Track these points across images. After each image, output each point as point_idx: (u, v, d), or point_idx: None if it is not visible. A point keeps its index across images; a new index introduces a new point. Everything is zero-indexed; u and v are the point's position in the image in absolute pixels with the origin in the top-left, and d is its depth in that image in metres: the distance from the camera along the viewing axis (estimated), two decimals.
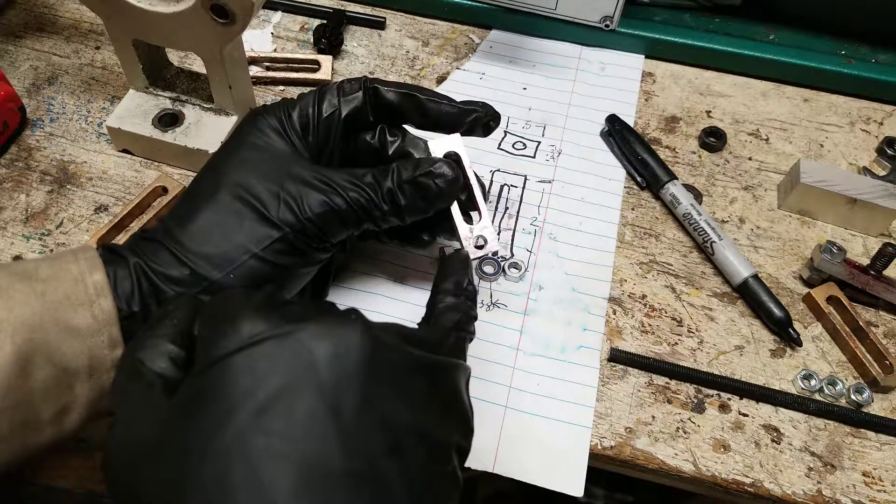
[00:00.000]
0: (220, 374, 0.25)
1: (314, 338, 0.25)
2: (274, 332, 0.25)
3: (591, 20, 0.60)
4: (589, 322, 0.46)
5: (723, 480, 0.41)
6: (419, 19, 0.64)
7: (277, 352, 0.25)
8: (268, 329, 0.26)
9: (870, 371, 0.44)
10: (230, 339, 0.26)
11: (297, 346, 0.25)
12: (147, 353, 0.28)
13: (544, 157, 0.55)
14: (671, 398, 0.44)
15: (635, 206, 0.53)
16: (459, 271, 0.37)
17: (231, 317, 0.26)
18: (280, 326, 0.26)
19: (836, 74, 0.59)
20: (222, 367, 0.25)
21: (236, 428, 0.24)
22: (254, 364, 0.25)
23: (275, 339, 0.25)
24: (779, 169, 0.55)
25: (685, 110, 0.59)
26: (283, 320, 0.26)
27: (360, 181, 0.37)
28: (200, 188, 0.38)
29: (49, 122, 0.54)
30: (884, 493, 0.41)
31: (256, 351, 0.25)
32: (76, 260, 0.33)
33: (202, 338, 0.27)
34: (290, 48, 0.61)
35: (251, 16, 0.42)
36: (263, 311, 0.27)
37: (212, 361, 0.25)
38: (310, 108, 0.39)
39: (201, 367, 0.26)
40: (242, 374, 0.25)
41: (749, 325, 0.47)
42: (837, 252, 0.47)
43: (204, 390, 0.25)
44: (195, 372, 0.26)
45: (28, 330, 0.31)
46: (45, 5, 0.63)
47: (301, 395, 0.24)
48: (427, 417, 0.27)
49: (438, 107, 0.41)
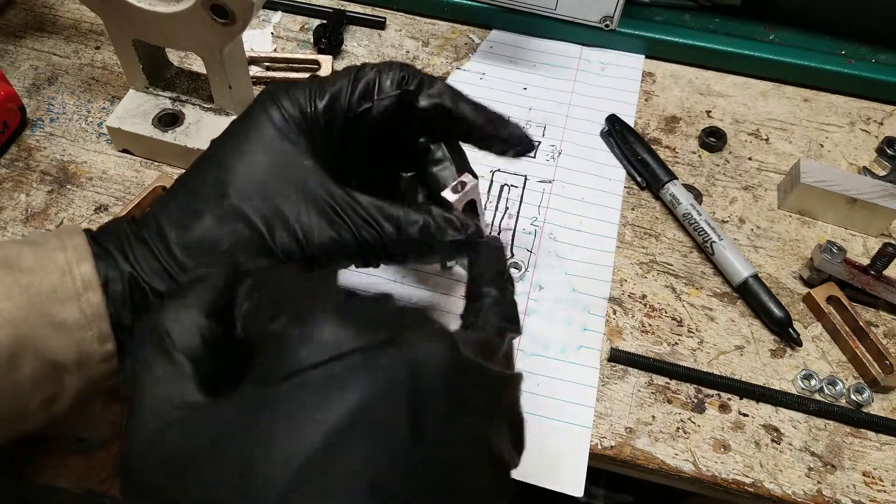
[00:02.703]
0: (293, 391, 0.22)
1: (404, 355, 0.23)
2: (359, 344, 0.23)
3: (591, 20, 0.60)
4: (589, 322, 0.46)
5: (723, 480, 0.41)
6: (419, 19, 0.64)
7: (362, 368, 0.23)
8: (351, 340, 0.23)
9: (870, 371, 0.44)
10: (311, 348, 0.23)
11: (387, 362, 0.23)
12: (175, 326, 0.25)
13: (544, 157, 0.55)
14: (671, 398, 0.44)
15: (635, 206, 0.53)
16: (496, 261, 0.34)
17: (308, 316, 0.24)
18: (364, 337, 0.23)
19: (836, 74, 0.59)
20: (300, 382, 0.22)
21: (310, 452, 0.21)
22: (336, 381, 0.22)
23: (360, 354, 0.23)
24: (779, 169, 0.55)
25: (685, 110, 0.59)
26: (367, 330, 0.24)
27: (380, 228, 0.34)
28: (202, 188, 0.34)
29: (49, 122, 0.54)
30: (884, 493, 0.41)
31: (340, 366, 0.23)
32: (63, 248, 0.31)
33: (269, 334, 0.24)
34: (290, 48, 0.61)
35: (251, 16, 0.42)
36: (344, 315, 0.24)
37: (288, 374, 0.23)
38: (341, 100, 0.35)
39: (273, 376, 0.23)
40: (321, 393, 0.22)
41: (749, 325, 0.47)
42: (837, 252, 0.47)
43: (271, 405, 0.22)
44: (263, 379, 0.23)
45: (13, 325, 0.29)
46: (45, 5, 0.63)
47: (386, 418, 0.22)
48: (495, 435, 0.26)
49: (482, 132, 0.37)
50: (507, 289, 0.33)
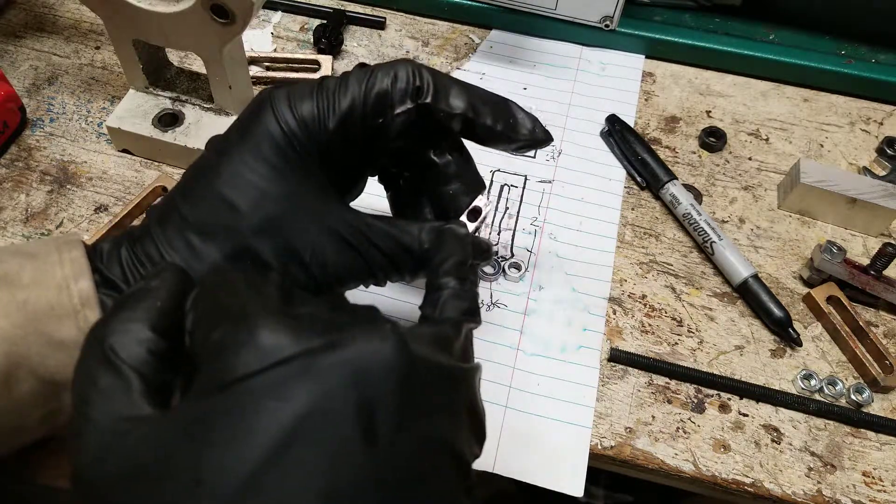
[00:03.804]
0: (237, 399, 0.22)
1: (346, 356, 0.23)
2: (300, 348, 0.22)
3: (591, 20, 0.60)
4: (589, 322, 0.46)
5: (723, 480, 0.41)
6: (419, 19, 0.64)
7: (305, 373, 0.22)
8: (292, 344, 0.23)
9: (870, 371, 0.44)
10: (249, 355, 0.22)
11: (328, 365, 0.22)
12: (121, 339, 0.24)
13: (544, 157, 0.55)
14: (671, 398, 0.44)
15: (635, 206, 0.53)
16: (458, 250, 0.33)
17: (246, 322, 0.23)
18: (305, 340, 0.23)
19: (836, 74, 0.59)
20: (241, 390, 0.22)
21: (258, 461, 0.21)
22: (278, 388, 0.22)
23: (301, 358, 0.22)
24: (779, 169, 0.55)
25: (685, 110, 0.59)
26: (308, 332, 0.23)
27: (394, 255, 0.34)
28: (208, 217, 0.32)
29: (49, 122, 0.54)
30: (884, 493, 0.41)
31: (281, 372, 0.22)
32: (60, 262, 0.31)
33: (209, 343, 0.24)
34: (290, 48, 0.61)
35: (251, 16, 0.42)
36: (284, 318, 0.23)
37: (227, 382, 0.22)
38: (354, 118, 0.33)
39: (213, 386, 0.22)
40: (264, 400, 0.22)
41: (749, 325, 0.47)
42: (837, 252, 0.47)
43: (218, 415, 0.22)
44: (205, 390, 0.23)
45: (8, 343, 0.29)
46: (45, 5, 0.63)
47: (332, 420, 0.22)
48: (455, 431, 0.25)
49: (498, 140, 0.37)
50: (467, 279, 0.32)
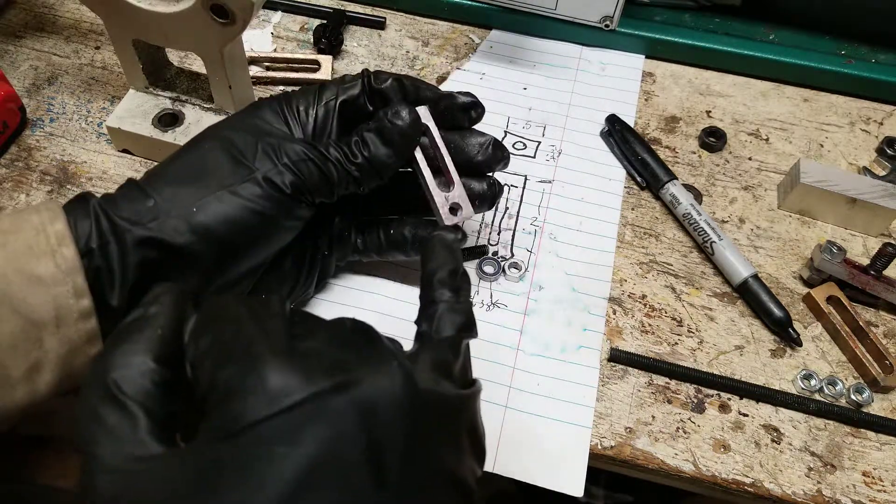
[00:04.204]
0: (248, 446, 0.22)
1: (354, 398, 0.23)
2: (309, 392, 0.23)
3: (591, 20, 0.60)
4: (589, 322, 0.46)
5: (723, 480, 0.41)
6: (419, 19, 0.64)
7: (315, 417, 0.22)
8: (301, 386, 0.23)
9: (870, 371, 0.44)
10: (258, 401, 0.23)
11: (337, 408, 0.23)
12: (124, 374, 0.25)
13: (544, 157, 0.55)
14: (671, 398, 0.44)
15: (635, 206, 0.53)
16: (449, 259, 0.33)
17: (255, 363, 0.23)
18: (314, 383, 0.23)
19: (836, 74, 0.59)
20: (251, 437, 0.22)
21: None
22: (289, 434, 0.22)
23: (311, 403, 0.23)
24: (779, 169, 0.55)
25: (685, 110, 0.59)
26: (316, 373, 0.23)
27: (337, 140, 0.39)
28: (184, 145, 0.38)
29: (49, 122, 0.54)
30: (884, 493, 0.41)
31: (291, 418, 0.22)
32: (37, 211, 0.33)
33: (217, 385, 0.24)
34: (290, 48, 0.61)
35: (251, 16, 0.42)
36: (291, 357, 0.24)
37: (237, 428, 0.22)
38: (310, 96, 0.40)
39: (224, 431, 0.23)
40: (275, 446, 0.22)
41: (749, 325, 0.47)
42: (837, 252, 0.47)
43: (229, 461, 0.22)
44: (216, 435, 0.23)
45: None
46: (45, 5, 0.63)
47: (343, 465, 0.22)
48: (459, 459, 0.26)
49: (417, 91, 0.41)
50: (461, 289, 0.32)
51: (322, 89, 0.41)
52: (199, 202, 0.34)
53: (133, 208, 0.34)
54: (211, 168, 0.35)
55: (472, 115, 0.42)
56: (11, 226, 0.32)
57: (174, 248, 0.33)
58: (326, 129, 0.40)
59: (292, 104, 0.40)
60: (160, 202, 0.34)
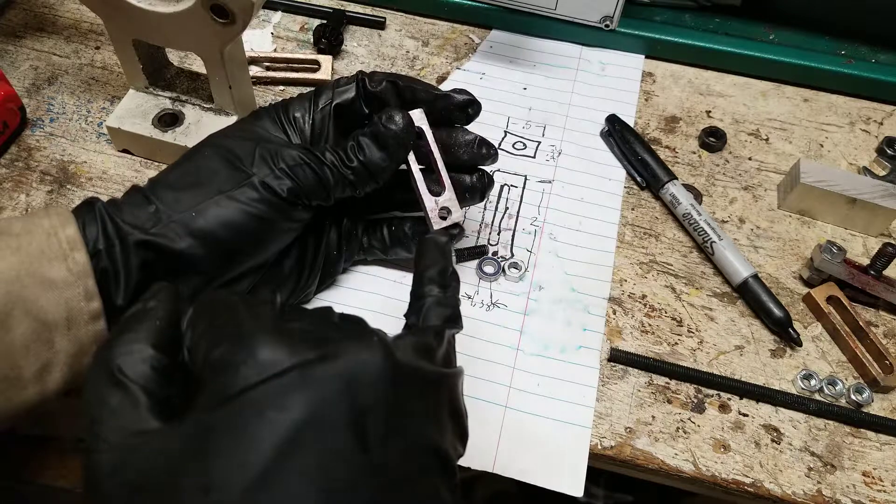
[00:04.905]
0: (239, 410, 0.24)
1: (338, 367, 0.25)
2: (295, 361, 0.24)
3: (591, 20, 0.60)
4: (589, 322, 0.46)
5: (723, 480, 0.41)
6: (419, 19, 0.64)
7: (300, 383, 0.24)
8: (288, 357, 0.25)
9: (870, 371, 0.44)
10: (249, 370, 0.24)
11: (322, 376, 0.24)
12: (126, 359, 0.26)
13: (544, 157, 0.55)
14: (671, 398, 0.44)
15: (635, 206, 0.53)
16: (439, 258, 0.36)
17: (245, 339, 0.25)
18: (300, 354, 0.25)
19: (836, 74, 0.59)
20: (241, 401, 0.24)
21: (259, 468, 0.22)
22: (276, 398, 0.24)
23: (297, 370, 0.24)
24: (779, 169, 0.55)
25: (685, 110, 0.59)
26: (302, 346, 0.25)
27: (333, 145, 0.40)
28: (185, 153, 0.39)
29: (49, 122, 0.54)
30: (884, 493, 0.41)
31: (279, 383, 0.24)
32: (48, 216, 0.34)
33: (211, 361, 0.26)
34: (290, 48, 0.61)
35: (251, 16, 0.42)
36: (280, 334, 0.26)
37: (229, 395, 0.24)
38: (306, 102, 0.41)
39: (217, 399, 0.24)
40: (264, 409, 0.23)
41: (749, 325, 0.47)
42: (837, 252, 0.47)
43: (222, 425, 0.23)
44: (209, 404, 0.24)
45: (5, 283, 0.31)
46: (45, 5, 0.63)
47: (327, 428, 0.23)
48: (440, 433, 0.27)
49: (413, 93, 0.42)
50: (449, 286, 0.35)
51: (317, 95, 0.42)
52: (198, 207, 0.35)
53: (136, 213, 0.35)
54: (210, 174, 0.37)
55: (470, 113, 0.43)
56: (24, 230, 0.33)
57: (173, 251, 0.35)
58: (323, 134, 0.41)
59: (289, 112, 0.41)
60: (161, 207, 0.35)
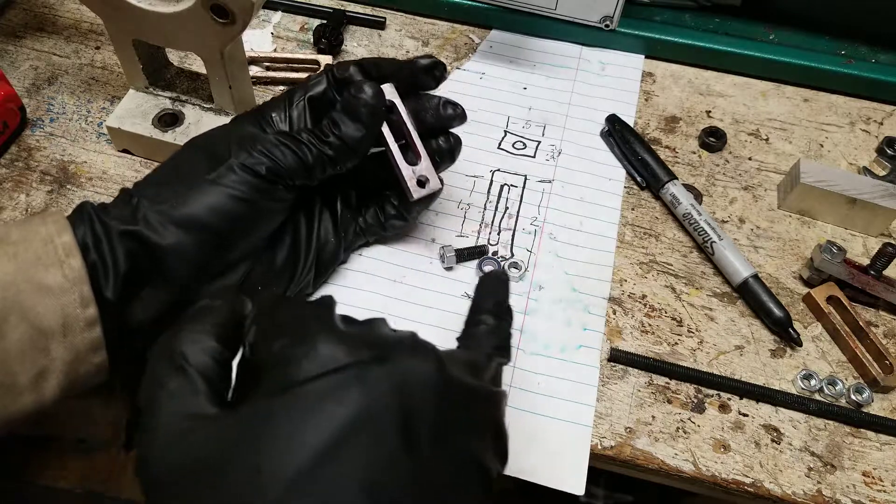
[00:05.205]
0: (297, 400, 0.24)
1: (391, 370, 0.25)
2: (354, 359, 0.25)
3: (591, 20, 0.60)
4: (589, 322, 0.46)
5: (723, 480, 0.41)
6: (419, 19, 0.64)
7: (357, 381, 0.25)
8: (346, 355, 0.26)
9: (870, 371, 0.44)
10: (310, 363, 0.25)
11: (378, 377, 0.25)
12: (190, 347, 0.27)
13: (544, 156, 0.55)
14: (671, 398, 0.44)
15: (635, 206, 0.53)
16: (500, 291, 0.37)
17: (309, 336, 0.26)
18: (357, 354, 0.26)
19: (836, 74, 0.59)
20: (302, 392, 0.25)
21: (315, 453, 0.23)
22: (334, 392, 0.25)
23: (355, 369, 0.25)
24: (779, 169, 0.55)
25: (685, 110, 0.59)
26: (360, 347, 0.26)
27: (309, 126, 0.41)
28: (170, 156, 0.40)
29: (49, 122, 0.54)
30: (884, 493, 0.41)
31: (337, 378, 0.25)
32: (44, 223, 0.34)
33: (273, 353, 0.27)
34: (290, 48, 0.61)
35: (251, 16, 0.42)
36: (340, 333, 0.27)
37: (289, 384, 0.25)
38: (281, 102, 0.43)
39: (277, 388, 0.25)
40: (321, 402, 0.24)
41: (749, 325, 0.47)
42: (837, 252, 0.47)
43: (280, 412, 0.24)
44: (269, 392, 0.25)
45: (1, 289, 0.31)
46: (45, 5, 0.63)
47: (378, 427, 0.24)
48: (483, 448, 0.28)
49: (379, 69, 0.43)
50: (503, 319, 0.35)
51: (291, 94, 0.43)
52: (179, 195, 0.36)
53: (120, 209, 0.36)
54: (189, 167, 0.38)
55: (437, 75, 0.43)
56: (20, 237, 0.33)
57: (156, 241, 0.35)
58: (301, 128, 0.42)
59: (265, 113, 0.42)
60: (143, 201, 0.36)
